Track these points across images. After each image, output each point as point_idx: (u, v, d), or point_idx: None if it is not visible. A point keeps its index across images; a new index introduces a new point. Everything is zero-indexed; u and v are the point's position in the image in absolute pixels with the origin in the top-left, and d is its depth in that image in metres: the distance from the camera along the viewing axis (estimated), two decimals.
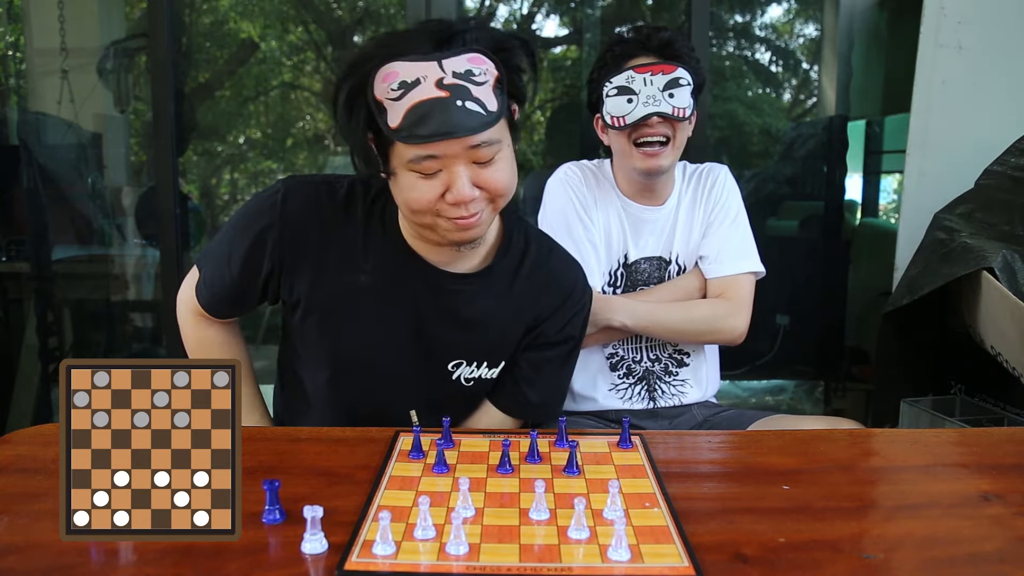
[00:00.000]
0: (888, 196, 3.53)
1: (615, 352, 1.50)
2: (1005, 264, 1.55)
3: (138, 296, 3.03)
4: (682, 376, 1.51)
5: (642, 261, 1.48)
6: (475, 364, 1.13)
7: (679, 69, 1.33)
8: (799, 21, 3.45)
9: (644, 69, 1.33)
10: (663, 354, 1.51)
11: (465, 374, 1.13)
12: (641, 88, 1.33)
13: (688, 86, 1.34)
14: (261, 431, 1.08)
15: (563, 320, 1.16)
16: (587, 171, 1.49)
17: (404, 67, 0.90)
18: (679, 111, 1.33)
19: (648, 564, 0.70)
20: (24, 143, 2.72)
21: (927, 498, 0.87)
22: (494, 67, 0.94)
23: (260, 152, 3.72)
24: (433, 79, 0.90)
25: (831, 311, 2.91)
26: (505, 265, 1.12)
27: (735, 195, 1.49)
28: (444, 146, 0.92)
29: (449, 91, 0.90)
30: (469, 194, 0.95)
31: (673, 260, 1.49)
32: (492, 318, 1.11)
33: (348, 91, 0.94)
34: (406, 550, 0.72)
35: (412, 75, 0.90)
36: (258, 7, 3.55)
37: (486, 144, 0.94)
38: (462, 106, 0.90)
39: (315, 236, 1.07)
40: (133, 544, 0.72)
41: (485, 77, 0.92)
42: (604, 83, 1.36)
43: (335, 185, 1.10)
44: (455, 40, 0.93)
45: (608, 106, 1.36)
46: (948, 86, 2.05)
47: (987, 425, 1.75)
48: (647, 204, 1.47)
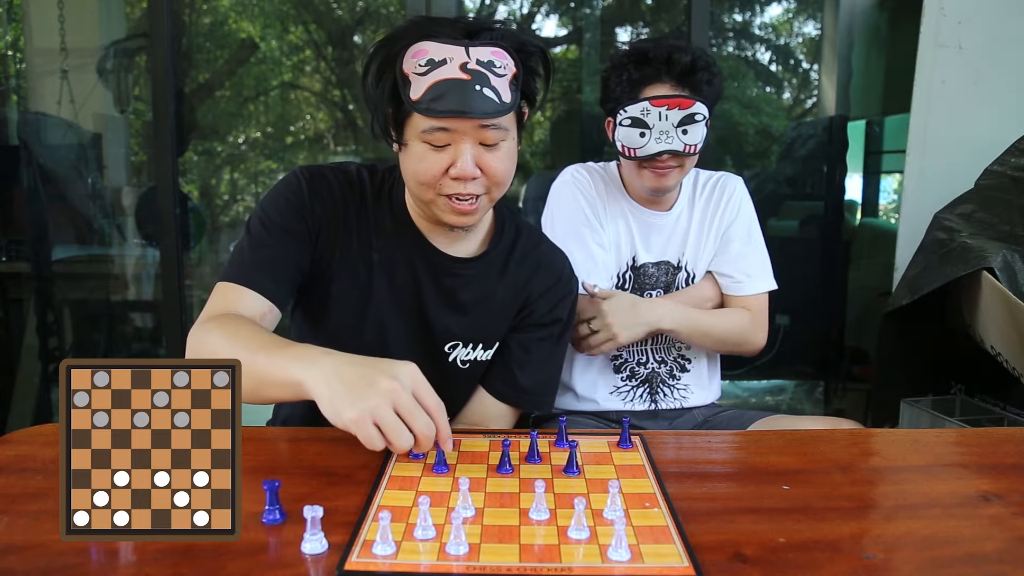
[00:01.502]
0: (888, 196, 3.53)
1: (619, 355, 1.49)
2: (1005, 264, 1.55)
3: (138, 296, 3.03)
4: (684, 381, 1.52)
5: (650, 265, 1.48)
6: (471, 346, 1.17)
7: (696, 104, 1.31)
8: (799, 21, 3.45)
9: (660, 103, 1.30)
10: (668, 357, 1.51)
11: (461, 356, 1.17)
12: (655, 123, 1.31)
13: (703, 120, 1.33)
14: (261, 431, 1.08)
15: (552, 302, 1.21)
16: (595, 174, 1.49)
17: (434, 47, 0.98)
18: (690, 148, 1.33)
19: (648, 564, 0.70)
20: (24, 143, 2.72)
21: (927, 498, 0.87)
22: (514, 64, 1.01)
23: (260, 152, 3.72)
24: (458, 62, 0.97)
25: (831, 311, 2.91)
26: (499, 251, 1.19)
27: (750, 210, 1.51)
28: (457, 123, 0.99)
29: (471, 75, 0.97)
30: (471, 171, 1.01)
31: (683, 267, 1.50)
32: (487, 301, 1.17)
33: (380, 61, 1.02)
34: (406, 550, 0.72)
35: (440, 55, 0.97)
36: (258, 7, 3.55)
37: (494, 128, 1.01)
38: (480, 91, 0.97)
39: (337, 213, 1.12)
40: (133, 544, 0.72)
41: (505, 71, 1.00)
42: (619, 109, 1.35)
43: (345, 169, 1.16)
44: (484, 33, 1.01)
45: (620, 134, 1.36)
46: (948, 86, 2.05)
47: (987, 425, 1.75)
48: (655, 209, 1.48)
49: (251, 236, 1.09)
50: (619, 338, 1.36)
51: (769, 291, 1.50)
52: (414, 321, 1.15)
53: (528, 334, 1.21)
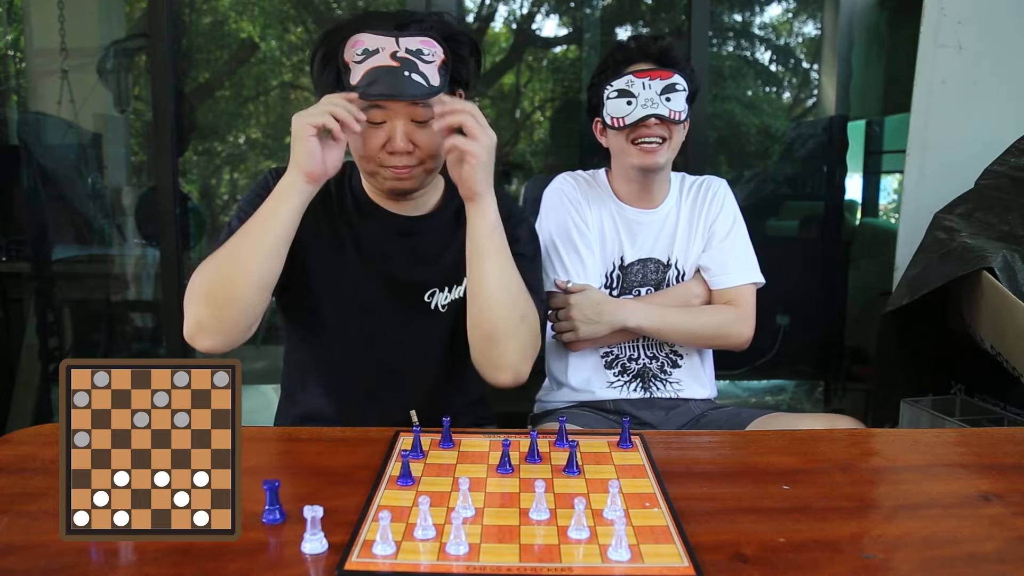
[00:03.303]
0: (888, 196, 3.53)
1: (610, 351, 1.52)
2: (1005, 264, 1.55)
3: (138, 296, 3.03)
4: (677, 376, 1.55)
5: (637, 263, 1.52)
6: (447, 289, 1.28)
7: (675, 75, 1.42)
8: (799, 21, 3.45)
9: (643, 74, 1.41)
10: (660, 353, 1.54)
11: (441, 300, 1.28)
12: (640, 91, 1.41)
13: (683, 91, 1.43)
14: (261, 431, 1.09)
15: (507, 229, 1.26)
16: (580, 180, 1.56)
17: (369, 38, 1.11)
18: (675, 114, 1.41)
19: (648, 564, 0.70)
20: (24, 143, 2.72)
21: (927, 498, 0.87)
22: (442, 52, 1.13)
23: (260, 152, 3.72)
24: (389, 51, 1.10)
25: (831, 311, 2.91)
26: (452, 205, 1.29)
27: (733, 208, 1.56)
28: (390, 104, 1.13)
29: (400, 63, 1.10)
30: (403, 146, 1.14)
31: (673, 265, 1.53)
32: (450, 246, 1.27)
33: (324, 52, 1.16)
34: (406, 550, 0.72)
35: (374, 45, 1.11)
36: (258, 7, 3.55)
37: (424, 106, 1.14)
38: (408, 76, 1.10)
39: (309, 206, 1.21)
40: (133, 544, 0.72)
41: (433, 58, 1.12)
42: (605, 87, 1.44)
43: None
44: (413, 25, 1.15)
45: (608, 108, 1.44)
46: (948, 86, 2.05)
47: (987, 425, 1.75)
48: (642, 207, 1.53)
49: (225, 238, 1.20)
50: (579, 331, 1.43)
51: (755, 284, 1.52)
52: (389, 281, 1.26)
53: None
